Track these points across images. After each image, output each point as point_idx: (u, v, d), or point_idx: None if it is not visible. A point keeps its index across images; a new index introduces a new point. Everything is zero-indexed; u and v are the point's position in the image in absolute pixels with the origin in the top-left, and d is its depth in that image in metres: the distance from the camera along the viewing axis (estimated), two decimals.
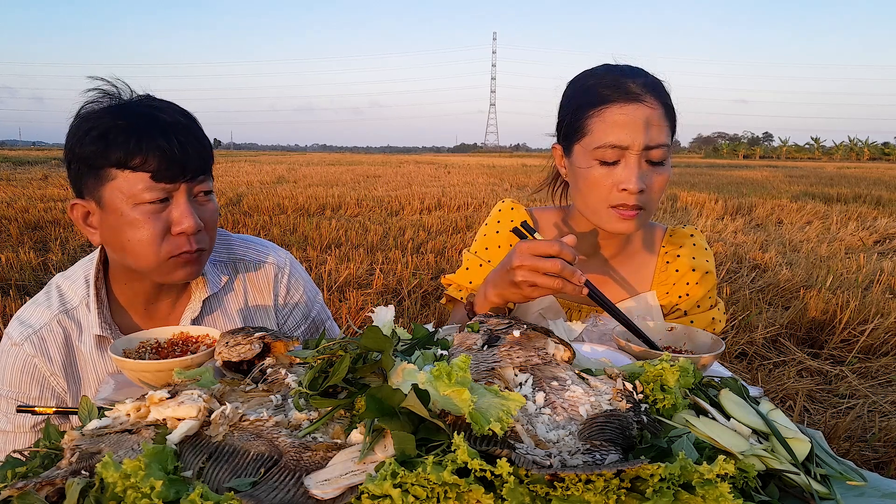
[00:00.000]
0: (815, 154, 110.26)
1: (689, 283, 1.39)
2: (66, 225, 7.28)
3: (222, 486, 0.57)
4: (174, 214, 1.08)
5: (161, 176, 1.05)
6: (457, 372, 0.63)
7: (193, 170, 1.09)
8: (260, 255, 1.37)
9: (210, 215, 1.14)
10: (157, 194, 1.06)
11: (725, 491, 0.52)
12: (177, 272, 1.12)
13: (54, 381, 1.17)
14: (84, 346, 1.18)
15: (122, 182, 1.05)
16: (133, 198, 1.05)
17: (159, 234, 1.07)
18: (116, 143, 1.03)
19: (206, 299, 1.26)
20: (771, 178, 20.71)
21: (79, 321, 1.19)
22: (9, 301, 3.71)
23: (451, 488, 0.52)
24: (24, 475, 0.60)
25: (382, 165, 28.04)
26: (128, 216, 1.06)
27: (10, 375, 1.16)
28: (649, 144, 1.18)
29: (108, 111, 1.08)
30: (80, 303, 1.19)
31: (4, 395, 1.17)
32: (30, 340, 1.15)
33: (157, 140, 1.04)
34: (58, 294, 1.21)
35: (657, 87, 1.23)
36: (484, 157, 64.46)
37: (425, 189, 13.13)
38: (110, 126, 1.05)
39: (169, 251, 1.09)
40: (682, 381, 0.76)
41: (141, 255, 1.08)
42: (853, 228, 7.96)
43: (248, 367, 0.87)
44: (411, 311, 4.13)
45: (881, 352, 3.58)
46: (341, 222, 7.72)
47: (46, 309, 1.18)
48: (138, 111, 1.08)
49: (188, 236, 1.09)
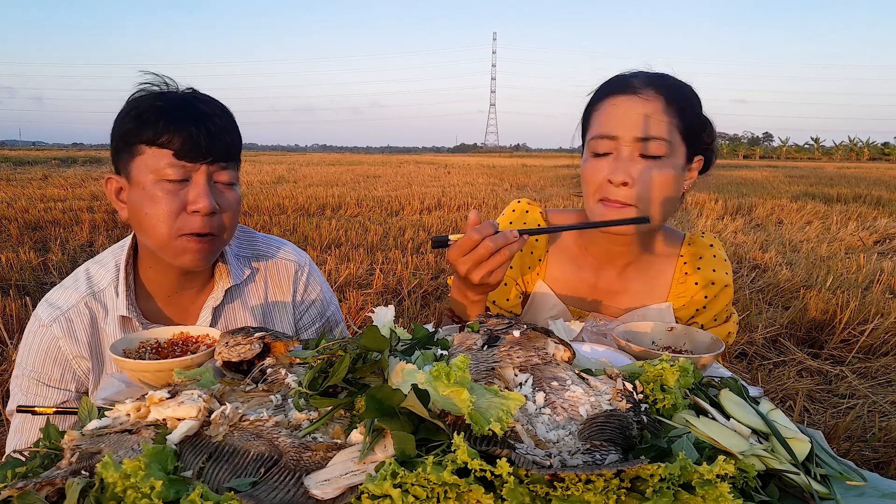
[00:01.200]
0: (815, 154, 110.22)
1: (707, 297, 1.34)
2: (66, 225, 7.28)
3: (222, 486, 0.57)
4: (191, 194, 1.13)
5: (183, 154, 1.11)
6: (456, 372, 0.63)
7: (214, 155, 1.14)
8: (282, 252, 1.42)
9: (229, 202, 1.18)
10: (178, 172, 1.12)
11: (725, 491, 0.52)
12: (185, 255, 1.16)
13: (76, 364, 1.21)
14: (108, 328, 1.22)
15: (148, 157, 1.12)
16: (156, 173, 1.11)
17: (175, 211, 1.12)
18: (149, 122, 1.11)
19: (228, 290, 1.31)
20: (771, 178, 20.71)
21: (105, 304, 1.23)
22: (9, 301, 3.70)
23: (451, 488, 0.52)
24: (24, 475, 0.60)
25: (382, 165, 28.04)
26: (149, 191, 1.12)
27: (35, 356, 1.20)
28: (640, 136, 1.15)
29: (151, 96, 1.16)
30: (107, 285, 1.24)
31: (27, 375, 1.21)
32: (58, 322, 1.20)
33: (185, 122, 1.11)
34: (86, 277, 1.26)
35: (664, 83, 1.20)
36: (484, 157, 64.47)
37: (425, 189, 13.13)
38: (148, 107, 1.13)
39: (180, 228, 1.13)
40: (682, 381, 0.76)
41: (154, 229, 1.13)
42: (853, 228, 7.96)
43: (248, 367, 0.87)
44: (411, 311, 4.13)
45: (881, 352, 3.58)
46: (341, 222, 7.72)
47: (74, 291, 1.23)
48: (178, 98, 1.16)
49: (202, 216, 1.13)
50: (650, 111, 1.16)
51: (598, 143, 1.19)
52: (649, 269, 1.37)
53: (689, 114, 1.20)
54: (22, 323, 3.52)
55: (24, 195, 10.20)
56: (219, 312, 1.31)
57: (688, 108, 1.20)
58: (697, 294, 1.35)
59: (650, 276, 1.37)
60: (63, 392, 1.22)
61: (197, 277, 1.29)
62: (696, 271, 1.35)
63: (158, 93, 1.18)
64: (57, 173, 17.29)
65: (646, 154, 1.16)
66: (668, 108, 1.17)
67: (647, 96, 1.17)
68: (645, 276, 1.36)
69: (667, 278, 1.37)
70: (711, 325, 1.37)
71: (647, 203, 1.18)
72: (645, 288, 1.36)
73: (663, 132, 1.16)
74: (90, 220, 7.47)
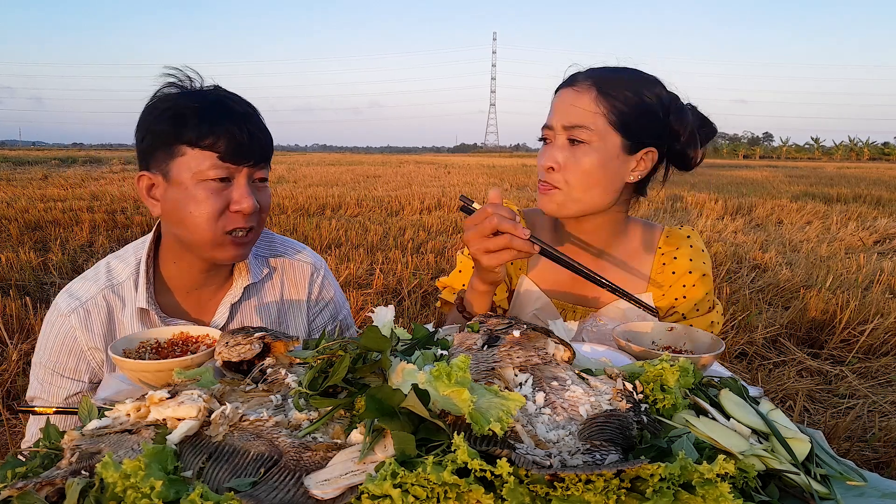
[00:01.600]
0: (815, 154, 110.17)
1: (685, 286, 1.38)
2: (66, 225, 7.28)
3: (222, 486, 0.57)
4: (234, 194, 1.17)
5: (228, 157, 1.14)
6: (456, 372, 0.63)
7: (256, 156, 1.18)
8: (299, 254, 1.46)
9: (265, 200, 1.24)
10: (221, 173, 1.15)
11: (725, 491, 0.52)
12: (228, 250, 1.20)
13: (91, 356, 1.23)
14: (126, 320, 1.24)
15: (190, 159, 1.14)
16: (199, 174, 1.14)
17: (218, 211, 1.15)
18: (191, 124, 1.13)
19: (247, 287, 1.34)
20: (771, 178, 20.71)
21: (123, 296, 1.26)
22: (9, 301, 3.70)
23: (451, 488, 0.52)
24: (24, 475, 0.60)
25: (382, 165, 28.05)
26: (191, 191, 1.14)
27: (52, 346, 1.23)
28: (566, 124, 1.23)
29: (182, 95, 1.18)
30: (126, 279, 1.26)
31: (43, 364, 1.24)
32: (76, 312, 1.22)
33: (228, 125, 1.14)
34: (106, 270, 1.28)
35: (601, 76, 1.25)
36: (484, 157, 64.46)
37: (425, 189, 13.13)
38: (185, 107, 1.14)
39: (224, 226, 1.17)
40: (682, 381, 0.76)
41: (199, 228, 1.16)
42: (853, 228, 7.96)
43: (248, 367, 0.87)
44: (411, 311, 4.13)
45: (881, 352, 3.58)
46: (341, 222, 7.73)
47: (94, 284, 1.26)
48: (211, 97, 1.18)
49: (245, 215, 1.18)
50: (577, 101, 1.24)
51: (543, 132, 1.30)
52: (629, 261, 1.42)
53: (621, 103, 1.23)
54: (22, 323, 3.52)
55: (24, 195, 10.21)
56: (235, 308, 1.34)
57: (620, 98, 1.23)
58: (676, 283, 1.39)
59: (629, 268, 1.42)
60: (77, 383, 1.24)
61: (217, 274, 1.31)
62: (673, 261, 1.40)
63: (188, 91, 1.20)
64: (57, 173, 17.30)
65: (573, 140, 1.24)
66: (598, 97, 1.23)
67: (580, 88, 1.25)
68: (624, 268, 1.41)
69: (646, 270, 1.42)
70: (694, 315, 1.39)
71: (572, 187, 1.25)
72: (624, 280, 1.40)
73: (586, 120, 1.22)
74: (90, 220, 7.48)
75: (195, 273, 1.28)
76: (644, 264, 1.42)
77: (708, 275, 1.41)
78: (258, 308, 1.37)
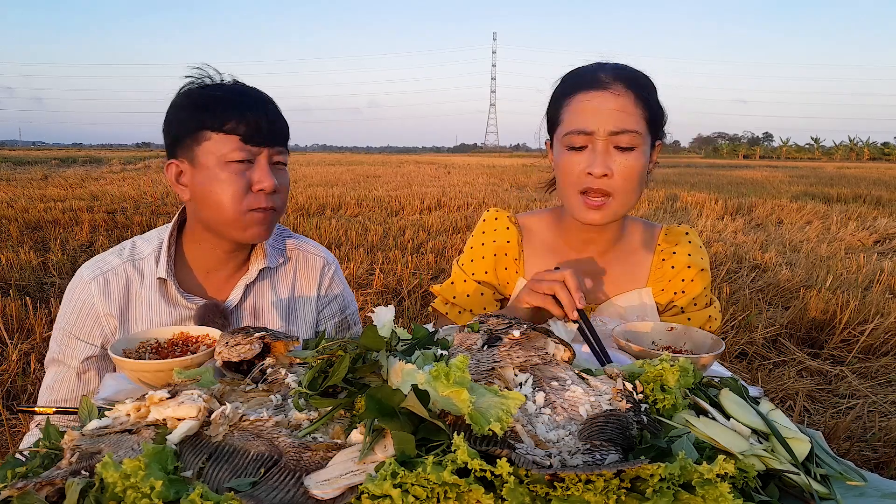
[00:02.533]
0: (815, 154, 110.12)
1: (684, 280, 1.40)
2: (66, 225, 7.28)
3: (222, 486, 0.57)
4: (256, 175, 1.24)
5: (249, 139, 1.22)
6: (455, 372, 0.63)
7: (275, 139, 1.26)
8: (313, 249, 1.55)
9: (284, 181, 1.31)
10: (244, 155, 1.22)
11: (725, 491, 0.52)
12: (251, 228, 1.27)
13: (105, 321, 1.31)
14: (144, 293, 1.33)
15: (214, 143, 1.22)
16: (223, 157, 1.21)
17: (242, 191, 1.23)
18: (213, 110, 1.21)
19: (261, 271, 1.41)
20: (771, 178, 20.71)
21: (142, 271, 1.34)
22: (9, 301, 3.70)
23: (451, 488, 0.52)
24: (24, 475, 0.60)
25: (382, 165, 28.05)
26: (216, 173, 1.22)
27: (71, 310, 1.32)
28: (614, 130, 1.21)
29: (205, 87, 1.27)
30: (148, 255, 1.35)
31: (62, 327, 1.32)
32: (96, 280, 1.31)
33: (248, 109, 1.22)
34: (130, 247, 1.38)
35: (630, 77, 1.26)
36: (484, 157, 64.45)
37: (425, 189, 13.13)
38: (208, 97, 1.23)
39: (248, 205, 1.24)
40: (682, 381, 0.76)
41: (224, 208, 1.23)
42: (853, 228, 7.96)
43: (248, 367, 0.87)
44: (411, 311, 4.13)
45: (881, 352, 3.58)
46: (341, 222, 7.73)
47: (117, 257, 1.35)
48: (233, 87, 1.27)
49: (266, 194, 1.25)
50: (621, 106, 1.22)
51: (574, 138, 1.24)
52: (628, 258, 1.43)
53: (652, 105, 1.27)
54: (22, 323, 3.52)
55: (24, 195, 10.21)
56: (249, 290, 1.41)
57: (651, 100, 1.26)
58: (675, 278, 1.40)
59: (629, 265, 1.42)
60: (90, 346, 1.31)
61: (236, 257, 1.39)
62: (672, 256, 1.41)
63: (210, 84, 1.28)
64: (57, 173, 17.30)
65: (619, 146, 1.22)
66: (636, 101, 1.24)
67: (618, 91, 1.23)
68: (624, 266, 1.42)
69: (645, 266, 1.43)
70: (692, 310, 1.41)
71: (622, 193, 1.24)
72: (624, 277, 1.41)
73: (634, 125, 1.22)
74: (90, 220, 7.48)
75: (217, 254, 1.36)
76: (644, 262, 1.43)
77: (706, 270, 1.42)
78: (271, 291, 1.44)
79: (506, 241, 1.45)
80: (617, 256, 1.42)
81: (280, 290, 1.45)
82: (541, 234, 1.47)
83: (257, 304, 1.41)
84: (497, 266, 1.46)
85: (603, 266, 1.41)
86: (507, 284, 1.47)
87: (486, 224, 1.50)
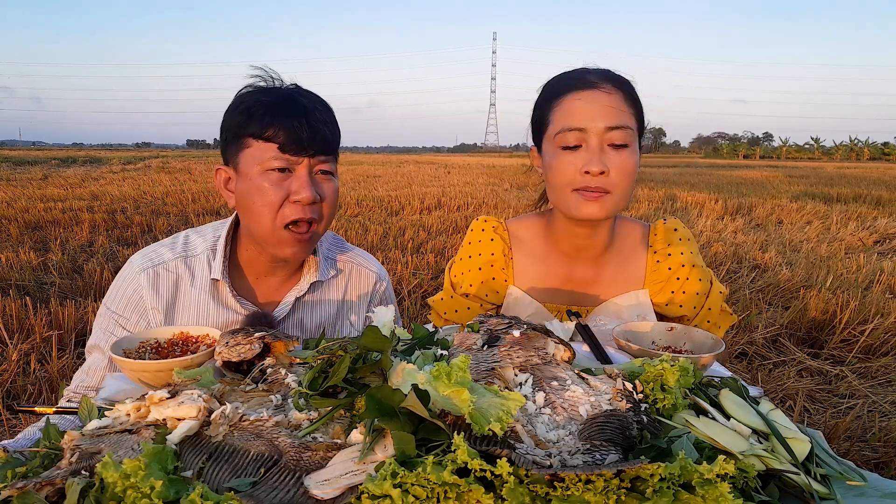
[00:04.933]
0: (815, 154, 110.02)
1: (679, 279, 1.39)
2: (66, 225, 7.28)
3: (222, 486, 0.57)
4: (294, 185, 1.21)
5: (287, 148, 1.19)
6: (456, 372, 0.63)
7: (316, 148, 1.22)
8: (368, 263, 1.52)
9: (328, 192, 1.27)
10: (282, 163, 1.20)
11: (725, 491, 0.52)
12: (287, 247, 1.24)
13: (151, 315, 1.29)
14: (194, 291, 1.31)
15: (255, 150, 1.20)
16: (262, 164, 1.20)
17: (279, 200, 1.20)
18: (256, 117, 1.19)
19: (313, 283, 1.39)
20: (771, 178, 20.71)
21: (193, 269, 1.32)
22: (9, 301, 3.70)
23: (451, 488, 0.52)
24: (24, 475, 0.60)
25: (382, 165, 28.04)
26: (255, 181, 1.20)
27: (120, 297, 1.31)
28: (609, 125, 1.22)
29: (258, 91, 1.25)
30: (202, 252, 1.33)
31: (109, 315, 1.31)
32: (146, 272, 1.30)
33: (289, 117, 1.19)
34: (184, 242, 1.36)
35: (617, 78, 1.28)
36: (484, 157, 64.42)
37: (425, 189, 13.13)
38: (255, 102, 1.21)
39: (285, 217, 1.21)
40: (682, 381, 0.76)
41: (262, 218, 1.21)
42: (853, 228, 7.96)
43: (248, 367, 0.87)
44: (411, 311, 4.13)
45: (881, 352, 3.58)
46: (341, 222, 7.72)
47: (170, 251, 1.33)
48: (281, 93, 1.24)
49: (304, 206, 1.21)
50: (614, 103, 1.23)
51: (568, 136, 1.24)
52: (623, 259, 1.42)
53: (638, 105, 1.29)
54: (22, 323, 3.52)
55: (24, 195, 10.20)
56: (300, 302, 1.39)
57: (637, 100, 1.28)
58: (671, 278, 1.40)
59: (623, 266, 1.42)
60: None
61: (286, 266, 1.36)
62: (668, 258, 1.41)
63: (265, 88, 1.26)
64: (57, 173, 17.30)
65: (613, 144, 1.23)
66: (626, 99, 1.25)
67: (608, 89, 1.25)
68: (619, 268, 1.42)
69: (640, 267, 1.43)
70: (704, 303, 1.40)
71: (619, 190, 1.25)
72: (620, 278, 1.41)
73: (627, 121, 1.24)
74: (90, 220, 7.47)
75: (266, 261, 1.33)
76: (637, 262, 1.43)
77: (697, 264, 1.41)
78: (321, 305, 1.42)
79: (490, 253, 1.46)
80: (609, 260, 1.42)
81: (329, 304, 1.43)
82: (531, 241, 1.47)
83: (305, 318, 1.40)
84: (484, 278, 1.46)
85: (597, 271, 1.41)
86: (496, 293, 1.46)
87: (472, 235, 1.50)
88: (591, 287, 1.41)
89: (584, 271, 1.41)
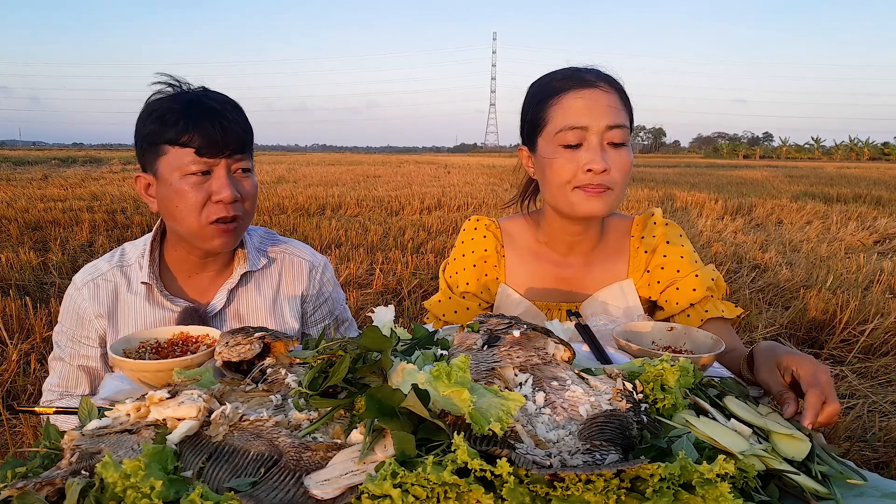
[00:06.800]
0: (815, 154, 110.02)
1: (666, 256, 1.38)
2: (66, 225, 7.28)
3: (222, 486, 0.57)
4: (214, 186, 1.25)
5: (204, 151, 1.23)
6: (456, 372, 0.63)
7: (232, 148, 1.26)
8: (300, 252, 1.55)
9: (247, 189, 1.31)
10: (200, 167, 1.24)
11: (725, 491, 0.52)
12: (215, 239, 1.29)
13: (97, 323, 1.36)
14: (132, 295, 1.38)
15: (172, 156, 1.24)
16: (181, 170, 1.23)
17: (201, 202, 1.25)
18: (170, 124, 1.23)
19: (244, 274, 1.43)
20: (771, 178, 20.71)
21: (129, 276, 1.39)
22: (9, 301, 3.70)
23: (451, 488, 0.52)
24: (24, 475, 0.60)
25: (382, 165, 28.04)
26: (176, 186, 1.24)
27: (68, 315, 1.39)
28: (610, 124, 1.23)
29: (167, 98, 1.28)
30: (135, 261, 1.40)
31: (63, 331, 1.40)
32: (87, 286, 1.37)
33: (202, 121, 1.23)
34: (120, 253, 1.43)
35: (612, 78, 1.29)
36: (484, 157, 64.41)
37: (425, 189, 13.12)
38: (167, 109, 1.24)
39: (208, 216, 1.25)
40: (682, 381, 0.76)
41: (186, 220, 1.26)
42: (853, 228, 7.96)
43: (248, 367, 0.87)
44: (411, 311, 4.13)
45: (881, 352, 3.57)
46: (341, 222, 7.72)
47: (107, 263, 1.40)
48: (191, 98, 1.27)
49: (225, 205, 1.26)
50: (611, 103, 1.25)
51: (569, 135, 1.25)
52: (609, 254, 1.43)
53: (629, 104, 1.31)
54: (22, 323, 3.52)
55: (24, 195, 10.20)
56: (233, 294, 1.43)
57: (628, 99, 1.31)
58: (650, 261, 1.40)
59: (611, 260, 1.43)
60: (92, 348, 1.37)
61: (215, 261, 1.41)
62: (641, 240, 1.42)
63: (174, 94, 1.29)
64: (57, 173, 17.30)
65: (612, 143, 1.24)
66: (621, 99, 1.27)
67: (606, 89, 1.26)
68: (606, 263, 1.43)
69: (624, 257, 1.43)
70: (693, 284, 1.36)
71: (618, 187, 1.26)
72: (607, 273, 1.42)
73: (624, 120, 1.26)
74: (90, 220, 7.47)
75: (194, 259, 1.38)
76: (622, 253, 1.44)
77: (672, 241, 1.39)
78: (255, 293, 1.46)
79: (483, 249, 1.47)
80: (598, 256, 1.43)
81: (264, 293, 1.47)
82: (522, 239, 1.48)
83: (241, 308, 1.43)
84: (479, 275, 1.47)
85: (587, 267, 1.42)
86: (489, 291, 1.47)
87: (465, 234, 1.52)
88: (582, 283, 1.42)
89: (574, 268, 1.42)
